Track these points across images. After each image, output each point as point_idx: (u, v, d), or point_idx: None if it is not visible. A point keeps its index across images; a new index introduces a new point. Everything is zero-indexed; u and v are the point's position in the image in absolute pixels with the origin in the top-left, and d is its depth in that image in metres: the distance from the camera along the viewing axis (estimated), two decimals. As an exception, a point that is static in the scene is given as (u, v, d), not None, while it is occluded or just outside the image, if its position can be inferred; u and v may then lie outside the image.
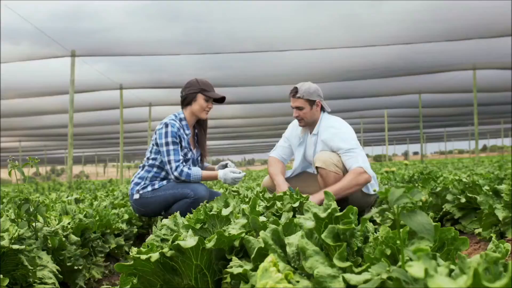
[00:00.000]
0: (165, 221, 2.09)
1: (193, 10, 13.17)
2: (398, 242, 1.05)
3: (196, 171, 4.28)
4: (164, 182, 4.30)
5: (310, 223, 1.12)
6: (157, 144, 4.31)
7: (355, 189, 4.11)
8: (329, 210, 1.11)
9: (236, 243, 1.34)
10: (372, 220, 4.25)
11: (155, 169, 4.34)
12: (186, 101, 4.47)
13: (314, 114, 4.50)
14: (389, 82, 19.11)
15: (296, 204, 2.39)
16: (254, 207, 1.43)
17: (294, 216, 2.43)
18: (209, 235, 1.78)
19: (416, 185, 3.92)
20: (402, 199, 0.89)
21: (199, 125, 4.65)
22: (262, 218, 1.42)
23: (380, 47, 14.16)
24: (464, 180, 3.28)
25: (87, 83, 16.22)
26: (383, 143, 47.47)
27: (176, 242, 1.31)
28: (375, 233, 1.19)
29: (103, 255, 3.21)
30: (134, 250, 1.48)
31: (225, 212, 1.78)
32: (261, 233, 1.17)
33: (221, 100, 4.50)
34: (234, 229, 1.40)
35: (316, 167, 4.27)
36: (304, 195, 2.57)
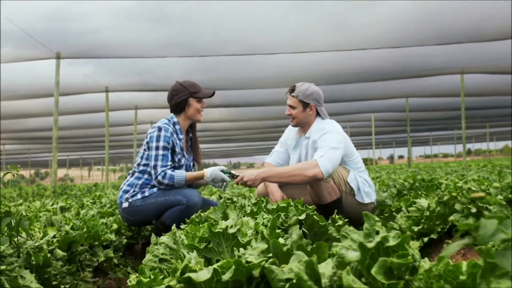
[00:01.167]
0: (163, 238, 1.89)
1: (181, 13, 12.99)
2: (461, 277, 0.87)
3: (179, 172, 4.05)
4: (155, 189, 4.08)
5: (353, 255, 0.93)
6: (148, 148, 4.11)
7: (300, 179, 3.87)
8: (378, 239, 0.91)
9: (256, 273, 1.11)
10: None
11: (146, 176, 4.12)
12: (178, 109, 4.27)
13: (306, 116, 4.32)
14: (377, 86, 19.03)
15: (302, 217, 2.20)
16: (274, 228, 1.21)
17: (300, 229, 2.24)
18: (215, 255, 1.60)
19: (419, 192, 3.76)
20: (498, 234, 0.71)
21: (192, 129, 4.47)
22: (281, 240, 1.23)
23: (369, 51, 14.06)
24: (473, 188, 3.13)
25: (73, 86, 15.98)
26: (369, 147, 47.52)
27: (187, 275, 1.10)
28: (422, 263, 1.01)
29: (91, 269, 2.98)
30: (132, 278, 1.28)
31: (232, 229, 1.59)
32: (294, 266, 0.98)
33: (210, 95, 4.32)
34: (252, 255, 1.19)
35: None
36: (310, 207, 2.39)
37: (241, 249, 1.29)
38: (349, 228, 1.03)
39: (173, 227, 2.24)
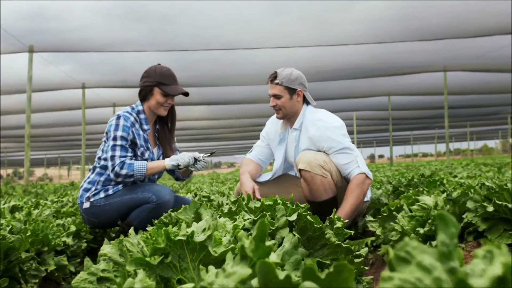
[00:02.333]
0: (105, 248, 1.41)
1: (160, 11, 12.60)
2: None
3: (139, 162, 3.55)
4: (120, 186, 3.57)
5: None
6: (107, 139, 3.61)
7: (364, 197, 3.55)
8: (497, 271, 0.45)
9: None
10: (366, 231, 3.64)
11: (108, 172, 3.60)
12: (142, 95, 3.77)
13: (294, 105, 3.84)
14: (359, 83, 18.74)
15: (293, 217, 1.75)
16: (263, 238, 0.72)
17: (291, 232, 1.79)
18: (175, 274, 1.13)
19: (420, 189, 3.33)
20: None
21: (162, 121, 3.94)
22: (273, 257, 0.76)
23: (351, 47, 13.76)
24: (487, 184, 2.71)
25: (49, 82, 15.64)
26: (350, 146, 47.20)
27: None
28: None
29: (37, 280, 2.47)
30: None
31: (200, 236, 1.13)
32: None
33: (183, 94, 3.79)
34: (225, 286, 0.73)
35: (299, 170, 3.61)
36: (302, 205, 1.94)
37: (211, 268, 0.83)
38: (412, 244, 0.57)
39: (131, 230, 1.78)
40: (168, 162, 3.60)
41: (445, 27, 12.46)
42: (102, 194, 3.55)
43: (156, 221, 2.51)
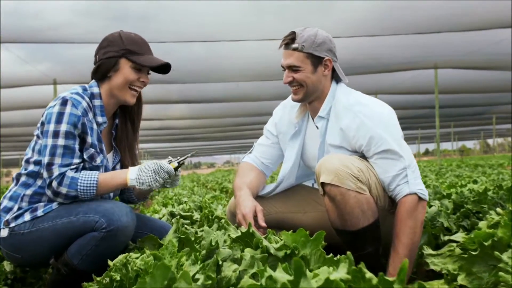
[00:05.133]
0: None
1: (140, 10, 12.25)
2: None
3: (87, 174, 2.29)
4: (54, 204, 2.31)
5: None
6: (42, 133, 2.35)
7: (421, 228, 2.34)
8: None
9: None
10: (420, 269, 2.51)
11: (39, 182, 2.35)
12: (101, 72, 2.45)
13: (319, 80, 2.52)
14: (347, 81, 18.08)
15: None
16: None
17: None
18: None
19: (510, 208, 2.17)
20: None
21: (126, 114, 2.63)
22: None
23: (341, 41, 13.03)
24: None
25: (21, 79, 15.17)
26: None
27: None
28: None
29: None
30: None
31: None
32: None
33: (163, 69, 2.54)
34: None
35: (322, 184, 2.32)
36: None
37: None
38: None
39: None
40: (133, 175, 2.33)
41: (437, 20, 11.85)
42: (27, 217, 2.28)
43: (96, 281, 1.35)
